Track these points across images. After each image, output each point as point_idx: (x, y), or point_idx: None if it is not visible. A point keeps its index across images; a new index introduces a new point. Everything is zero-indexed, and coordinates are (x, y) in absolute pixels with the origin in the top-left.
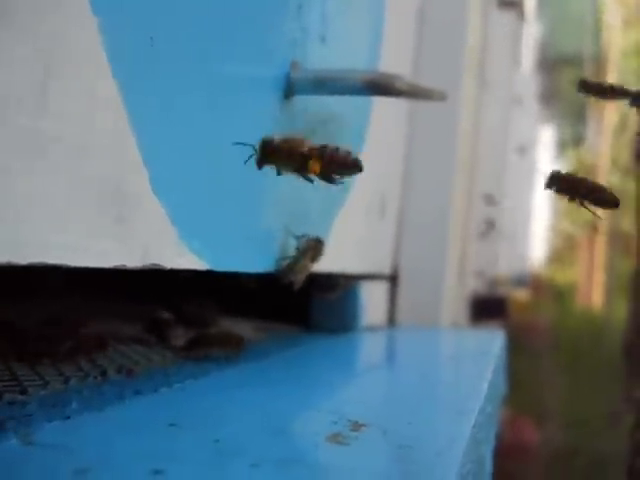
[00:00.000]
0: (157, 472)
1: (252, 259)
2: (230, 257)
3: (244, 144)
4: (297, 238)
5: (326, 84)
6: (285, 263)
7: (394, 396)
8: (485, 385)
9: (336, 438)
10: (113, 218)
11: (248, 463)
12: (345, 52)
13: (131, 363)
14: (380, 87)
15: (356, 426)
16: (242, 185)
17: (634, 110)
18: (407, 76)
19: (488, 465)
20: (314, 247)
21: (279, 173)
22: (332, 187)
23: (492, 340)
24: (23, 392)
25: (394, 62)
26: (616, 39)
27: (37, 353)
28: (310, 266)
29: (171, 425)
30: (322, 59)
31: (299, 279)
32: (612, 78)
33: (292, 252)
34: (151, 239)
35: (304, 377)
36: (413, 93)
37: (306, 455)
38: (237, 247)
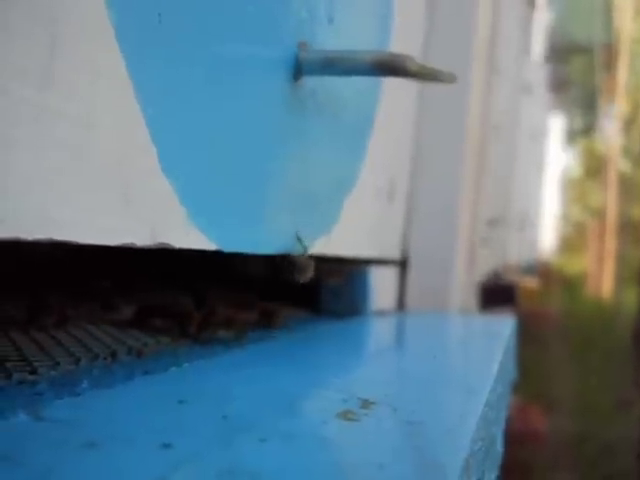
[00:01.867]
0: (166, 445)
1: (260, 240)
2: (239, 238)
3: None
4: (303, 246)
5: (335, 64)
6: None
7: (404, 376)
8: (496, 366)
9: (346, 415)
10: (120, 195)
11: (257, 437)
12: (353, 34)
13: (140, 344)
14: (390, 67)
15: (366, 404)
16: (251, 166)
17: None
18: (417, 60)
19: (499, 446)
20: (304, 266)
21: None
22: (341, 170)
23: (502, 325)
24: (33, 372)
25: (404, 46)
26: (627, 26)
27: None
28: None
29: (180, 402)
30: (330, 41)
31: (306, 277)
32: (623, 65)
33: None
34: (159, 217)
35: (313, 358)
36: (423, 74)
37: (315, 430)
38: (246, 228)
